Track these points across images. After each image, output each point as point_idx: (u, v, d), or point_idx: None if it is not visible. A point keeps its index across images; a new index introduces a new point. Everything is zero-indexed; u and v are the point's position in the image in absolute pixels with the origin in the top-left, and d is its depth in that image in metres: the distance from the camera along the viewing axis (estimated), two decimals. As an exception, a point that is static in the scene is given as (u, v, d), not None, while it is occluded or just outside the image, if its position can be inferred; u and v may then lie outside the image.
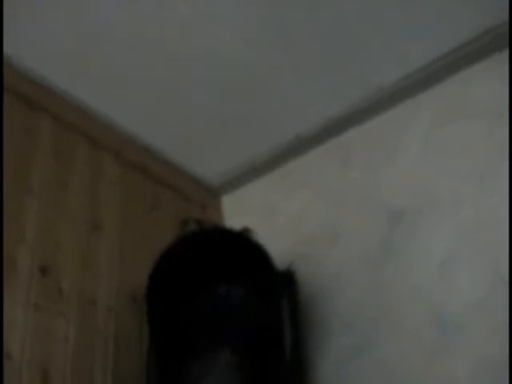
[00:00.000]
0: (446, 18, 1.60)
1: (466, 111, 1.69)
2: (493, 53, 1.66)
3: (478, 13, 1.59)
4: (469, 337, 1.44)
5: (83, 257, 1.66)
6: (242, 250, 1.52)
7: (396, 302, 1.56)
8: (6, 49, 1.60)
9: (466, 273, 1.51)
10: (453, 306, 1.48)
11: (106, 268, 1.69)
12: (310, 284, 1.67)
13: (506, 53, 1.62)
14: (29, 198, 1.60)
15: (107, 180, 1.84)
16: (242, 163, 2.01)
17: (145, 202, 1.93)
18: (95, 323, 1.60)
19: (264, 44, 1.66)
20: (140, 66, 1.70)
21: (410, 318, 1.53)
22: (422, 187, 1.69)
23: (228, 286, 1.56)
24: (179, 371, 1.47)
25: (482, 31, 1.64)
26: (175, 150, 2.00)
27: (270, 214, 1.91)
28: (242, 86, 1.77)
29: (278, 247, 1.57)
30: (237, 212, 1.99)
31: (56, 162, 1.72)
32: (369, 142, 1.84)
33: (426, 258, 1.58)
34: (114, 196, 1.83)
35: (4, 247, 1.47)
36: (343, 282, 1.66)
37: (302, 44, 1.66)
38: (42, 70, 1.70)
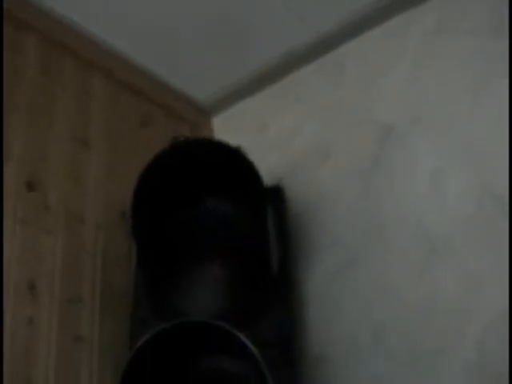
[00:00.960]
0: None
1: (459, 27, 1.65)
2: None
3: None
4: (457, 253, 1.44)
5: (71, 173, 1.67)
6: (232, 164, 1.51)
7: (384, 219, 1.56)
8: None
9: (455, 189, 1.50)
10: (441, 222, 1.48)
11: (94, 185, 1.70)
12: (299, 200, 1.67)
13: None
14: (16, 115, 1.59)
15: (96, 98, 1.83)
16: (233, 82, 1.98)
17: (135, 121, 1.92)
18: (83, 240, 1.61)
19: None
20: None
21: (399, 234, 1.53)
22: (414, 103, 1.66)
23: (216, 200, 1.55)
24: (167, 287, 1.48)
25: None
26: (166, 70, 1.98)
27: (260, 132, 1.90)
28: (232, 4, 1.73)
29: (268, 164, 1.56)
30: (227, 131, 1.98)
31: (43, 79, 1.70)
32: (360, 58, 1.80)
33: (415, 174, 1.57)
34: (104, 113, 1.82)
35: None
36: (332, 199, 1.66)
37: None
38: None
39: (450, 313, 1.41)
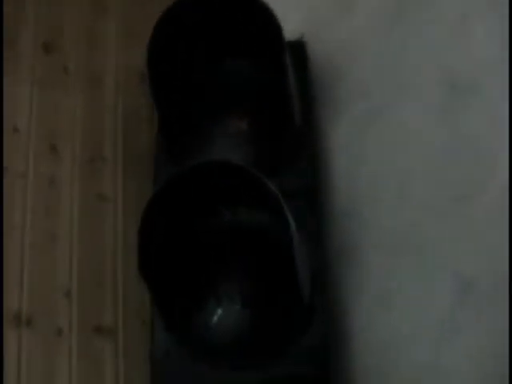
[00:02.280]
0: None
1: None
2: None
3: None
4: (482, 97, 1.36)
5: (89, 35, 1.63)
6: (251, 16, 1.43)
7: (409, 69, 1.47)
8: None
9: (482, 29, 1.40)
10: (467, 67, 1.39)
11: (113, 45, 1.65)
12: (322, 53, 1.59)
13: None
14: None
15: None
16: None
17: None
18: (103, 101, 1.58)
19: None
20: None
21: (423, 81, 1.45)
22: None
23: (235, 57, 1.49)
24: (187, 144, 1.45)
25: None
26: None
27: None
28: None
29: (288, 21, 1.47)
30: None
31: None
32: None
33: (441, 17, 1.46)
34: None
35: (4, 29, 1.44)
36: (356, 50, 1.57)
37: None
38: None
39: (475, 159, 1.34)
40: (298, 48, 1.57)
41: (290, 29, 1.44)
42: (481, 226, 1.31)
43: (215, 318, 1.31)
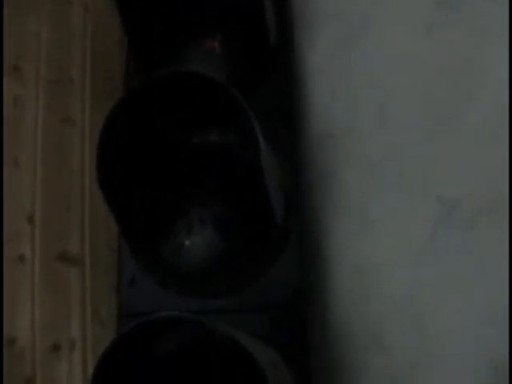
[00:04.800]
0: None
1: None
2: None
3: None
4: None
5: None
6: None
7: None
8: None
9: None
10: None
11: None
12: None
13: None
14: None
15: None
16: None
17: None
18: (70, 22, 1.50)
19: None
20: None
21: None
22: None
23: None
24: (159, 63, 1.37)
25: None
26: None
27: None
28: None
29: None
30: None
31: None
32: None
33: None
34: None
35: None
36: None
37: None
38: None
39: (461, 78, 1.28)
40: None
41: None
42: (466, 148, 1.25)
43: (185, 243, 1.25)
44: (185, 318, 0.95)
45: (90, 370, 1.25)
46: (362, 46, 1.38)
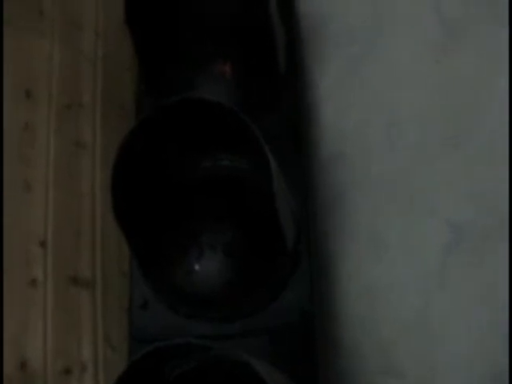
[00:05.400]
0: None
1: None
2: None
3: None
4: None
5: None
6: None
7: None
8: None
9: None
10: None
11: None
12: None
13: None
14: None
15: None
16: None
17: None
18: (82, 47, 1.51)
19: None
20: None
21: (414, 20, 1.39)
22: None
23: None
24: (170, 89, 1.39)
25: None
26: None
27: None
28: None
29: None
30: None
31: None
32: None
33: None
34: None
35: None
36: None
37: None
38: None
39: (466, 101, 1.29)
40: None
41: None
42: (472, 170, 1.26)
43: (196, 268, 1.26)
44: (196, 345, 0.96)
45: (101, 394, 1.27)
46: (367, 71, 1.39)
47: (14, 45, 1.39)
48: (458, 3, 1.32)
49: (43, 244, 1.30)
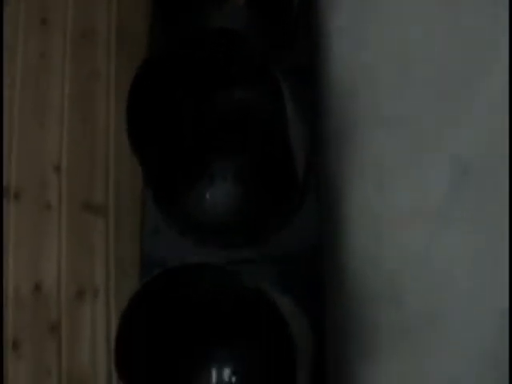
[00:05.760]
0: None
1: None
2: None
3: None
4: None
5: None
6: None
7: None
8: None
9: None
10: None
11: None
12: None
13: None
14: None
15: None
16: None
17: None
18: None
19: None
20: None
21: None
22: None
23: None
24: (183, 19, 1.38)
25: None
26: None
27: None
28: None
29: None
30: None
31: None
32: None
33: None
34: None
35: None
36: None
37: None
38: None
39: (478, 42, 1.30)
40: None
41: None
42: (481, 111, 1.27)
43: (207, 196, 1.28)
44: (208, 266, 0.98)
45: (113, 317, 1.31)
46: (384, 6, 1.39)
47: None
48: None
49: (58, 169, 1.33)
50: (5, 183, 1.27)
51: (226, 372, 1.21)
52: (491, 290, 1.25)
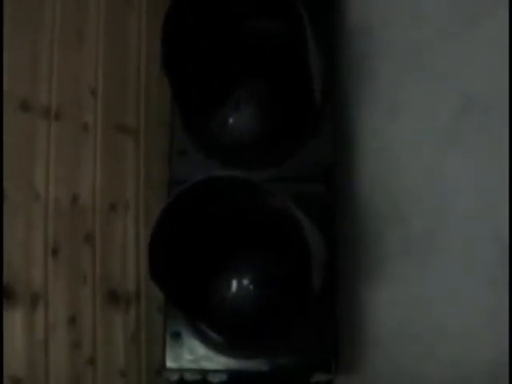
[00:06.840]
0: None
1: None
2: None
3: None
4: None
5: None
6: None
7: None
8: None
9: None
10: None
11: None
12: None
13: None
14: None
15: None
16: None
17: None
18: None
19: None
20: None
21: None
22: None
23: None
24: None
25: None
26: None
27: None
28: None
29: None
30: None
31: None
32: None
33: None
34: None
35: None
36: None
37: None
38: None
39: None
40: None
41: None
42: (485, 49, 1.36)
43: (230, 121, 1.38)
44: (234, 178, 1.09)
45: (142, 228, 1.43)
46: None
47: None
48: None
49: (94, 92, 1.43)
50: (46, 104, 1.36)
51: (245, 281, 1.33)
52: (490, 214, 1.35)
